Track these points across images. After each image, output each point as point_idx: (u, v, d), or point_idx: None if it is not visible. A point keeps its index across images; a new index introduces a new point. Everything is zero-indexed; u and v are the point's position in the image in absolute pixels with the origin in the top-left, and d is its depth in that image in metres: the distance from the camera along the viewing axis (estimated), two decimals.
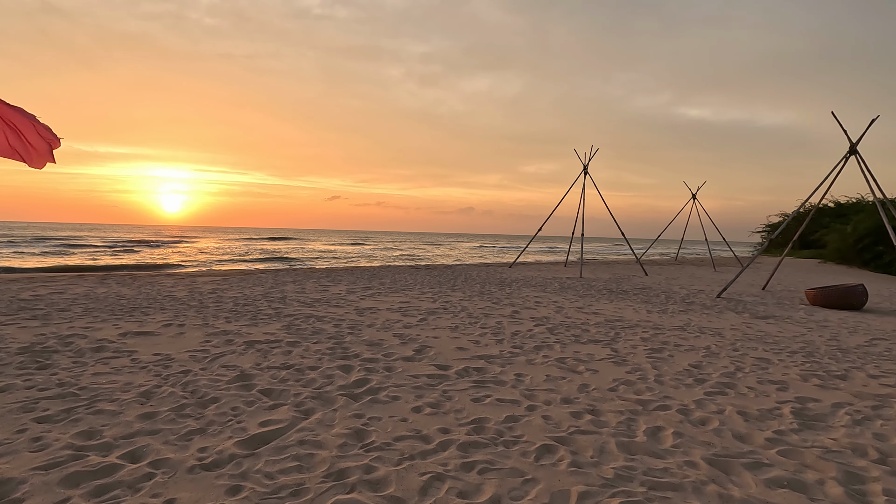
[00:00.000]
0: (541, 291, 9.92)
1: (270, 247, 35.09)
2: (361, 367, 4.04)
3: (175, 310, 6.50)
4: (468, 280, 11.85)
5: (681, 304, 8.65)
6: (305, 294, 8.43)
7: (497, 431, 2.79)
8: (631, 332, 5.93)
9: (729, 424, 3.00)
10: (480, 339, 5.26)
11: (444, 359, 4.41)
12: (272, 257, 23.70)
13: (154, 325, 5.45)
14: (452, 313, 6.89)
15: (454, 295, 8.93)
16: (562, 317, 6.92)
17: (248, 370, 3.86)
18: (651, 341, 5.46)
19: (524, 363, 4.35)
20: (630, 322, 6.68)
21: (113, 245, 30.22)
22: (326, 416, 2.95)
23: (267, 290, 8.91)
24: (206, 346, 4.63)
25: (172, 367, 3.91)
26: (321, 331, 5.43)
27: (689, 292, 10.70)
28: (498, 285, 10.84)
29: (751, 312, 7.93)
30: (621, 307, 8.09)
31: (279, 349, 4.57)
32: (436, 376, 3.86)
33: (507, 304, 7.91)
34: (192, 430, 2.71)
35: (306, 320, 6.02)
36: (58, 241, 31.55)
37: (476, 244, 58.25)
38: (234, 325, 5.65)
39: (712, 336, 5.89)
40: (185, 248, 30.09)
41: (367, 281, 10.95)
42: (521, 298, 8.72)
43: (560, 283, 11.64)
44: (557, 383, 3.78)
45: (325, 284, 10.01)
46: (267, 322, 5.85)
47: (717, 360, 4.72)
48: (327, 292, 8.76)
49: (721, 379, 4.02)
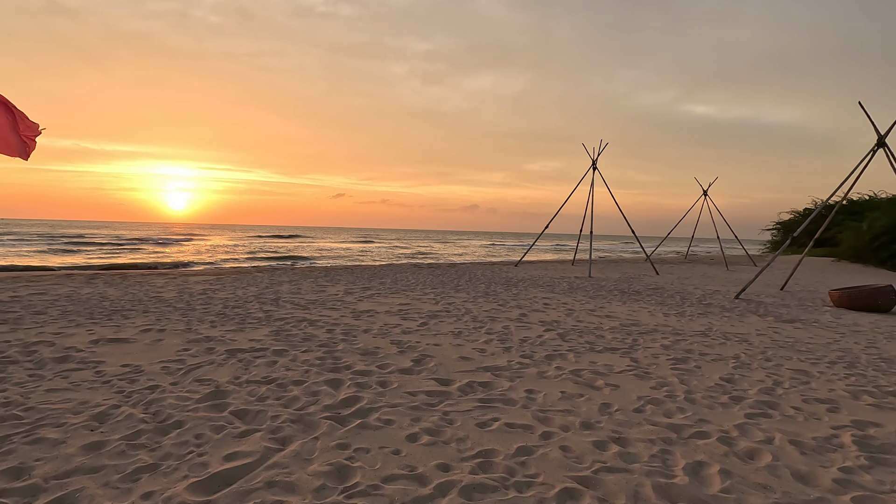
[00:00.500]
0: (549, 292, 9.44)
1: (280, 245, 34.59)
2: (352, 381, 3.59)
3: (159, 313, 6.07)
4: (472, 280, 11.38)
5: (698, 306, 8.15)
6: (300, 295, 7.99)
7: (507, 469, 2.33)
8: (650, 339, 5.45)
9: (784, 459, 2.52)
10: (486, 347, 4.80)
11: (445, 371, 3.95)
12: (279, 256, 23.28)
13: (131, 331, 5.02)
14: (456, 317, 6.43)
15: (458, 296, 8.47)
16: (573, 321, 6.44)
17: (225, 385, 3.41)
18: (673, 349, 4.97)
19: (535, 376, 3.88)
20: (647, 326, 6.19)
21: (120, 243, 29.97)
22: (305, 447, 2.50)
23: (261, 290, 8.47)
24: (182, 355, 4.19)
25: (139, 381, 3.47)
26: (312, 337, 4.98)
27: (705, 293, 10.19)
28: (504, 285, 10.37)
29: (774, 315, 7.42)
30: (635, 309, 7.60)
31: (263, 359, 4.12)
32: (436, 393, 3.40)
33: (513, 307, 7.44)
34: (141, 466, 2.26)
35: (297, 325, 5.57)
36: (65, 239, 31.31)
37: (485, 242, 57.82)
38: (219, 330, 5.21)
39: (739, 343, 5.40)
40: (190, 246, 29.77)
41: (366, 281, 10.50)
42: (528, 300, 8.25)
43: (569, 283, 11.16)
44: (574, 402, 3.31)
45: (322, 285, 9.57)
46: (255, 327, 5.41)
47: (751, 371, 4.23)
48: (324, 293, 8.32)
49: (760, 396, 3.53)
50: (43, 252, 21.35)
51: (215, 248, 29.19)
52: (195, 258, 20.48)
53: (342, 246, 37.15)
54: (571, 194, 15.72)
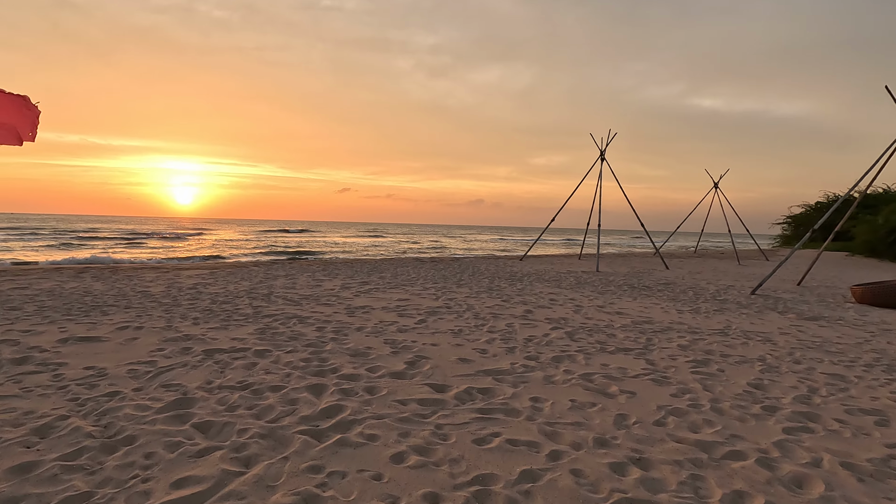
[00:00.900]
0: (555, 287, 9.03)
1: (291, 239, 34.09)
2: (337, 387, 3.22)
3: (141, 308, 5.72)
4: (475, 274, 10.99)
5: (713, 302, 7.72)
6: (294, 290, 7.63)
7: (509, 500, 1.95)
8: (665, 338, 5.04)
9: (839, 488, 2.13)
10: (488, 348, 4.41)
11: (441, 375, 3.57)
12: (297, 250, 22.88)
13: (106, 329, 4.67)
14: (456, 313, 6.04)
15: (459, 291, 8.08)
16: (581, 318, 6.04)
17: (193, 392, 3.05)
18: (692, 350, 4.57)
19: (541, 381, 3.49)
20: (661, 324, 5.78)
21: (129, 237, 29.79)
22: (270, 470, 2.13)
23: (254, 285, 8.12)
24: (155, 356, 3.83)
25: (99, 387, 3.11)
26: (300, 336, 4.61)
27: (719, 288, 9.75)
28: (508, 280, 9.96)
29: (796, 312, 6.98)
30: (647, 306, 7.18)
31: (242, 361, 3.76)
32: (429, 402, 3.02)
33: (518, 303, 7.04)
34: (71, 496, 1.90)
35: (286, 322, 5.20)
36: (73, 234, 31.10)
37: (493, 236, 57.33)
38: (201, 327, 4.85)
39: (762, 343, 4.98)
40: (197, 241, 29.50)
41: (365, 275, 10.13)
42: (533, 295, 7.85)
43: (576, 278, 10.74)
44: (586, 413, 2.92)
45: (319, 279, 9.21)
46: (240, 324, 5.05)
47: (780, 376, 3.82)
48: (319, 288, 7.96)
49: (796, 406, 3.13)
50: (73, 248, 21.14)
51: (228, 242, 28.87)
52: (216, 252, 20.13)
53: (353, 240, 36.67)
54: (579, 185, 15.27)
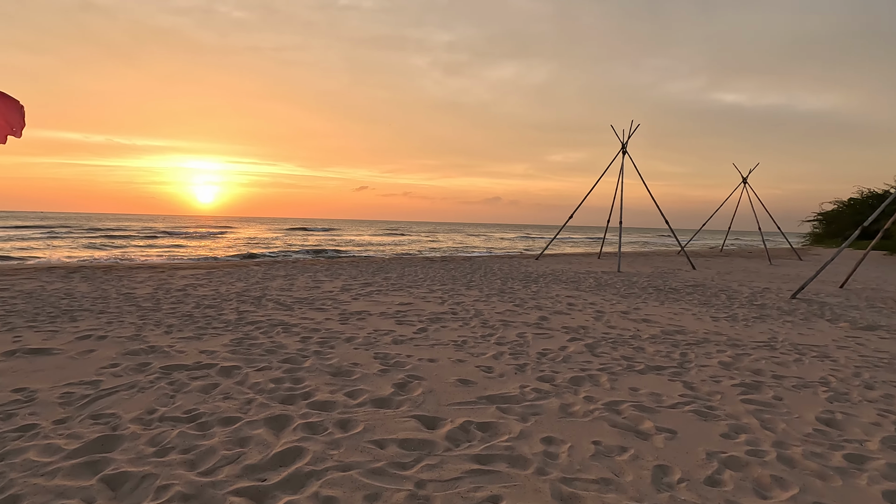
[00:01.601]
0: (574, 290, 8.32)
1: (321, 238, 33.58)
2: (303, 420, 2.61)
3: (116, 314, 5.22)
4: (487, 274, 10.32)
5: (750, 308, 6.93)
6: (290, 292, 7.08)
7: None
8: (702, 353, 4.33)
9: None
10: (494, 365, 3.77)
11: (434, 403, 2.94)
12: (321, 248, 22.44)
13: (65, 338, 4.16)
14: (462, 321, 5.41)
15: (468, 294, 7.44)
16: (603, 326, 5.35)
17: (125, 426, 2.48)
18: (736, 369, 3.85)
19: (557, 413, 2.84)
20: (695, 334, 5.06)
21: (160, 234, 29.87)
22: None
23: (248, 286, 7.61)
24: (103, 374, 3.29)
25: (16, 417, 2.56)
26: (279, 348, 4.03)
27: (753, 291, 8.92)
28: (522, 281, 9.28)
29: (848, 320, 6.17)
30: (677, 312, 6.44)
31: (202, 381, 3.18)
32: (413, 443, 2.40)
33: (532, 308, 6.37)
34: None
35: (269, 331, 4.64)
36: (98, 232, 31.25)
37: (514, 234, 56.41)
38: (172, 337, 4.31)
39: (819, 360, 4.24)
40: (226, 238, 29.26)
41: (370, 275, 9.55)
42: (549, 299, 7.17)
43: (596, 279, 9.99)
44: (614, 463, 2.26)
45: (319, 279, 8.66)
46: (217, 333, 4.50)
47: (854, 407, 3.10)
48: (317, 290, 7.40)
49: (889, 455, 2.42)
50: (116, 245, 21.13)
51: (260, 240, 28.62)
52: (249, 250, 19.78)
53: (379, 238, 36.02)
54: (599, 179, 14.46)
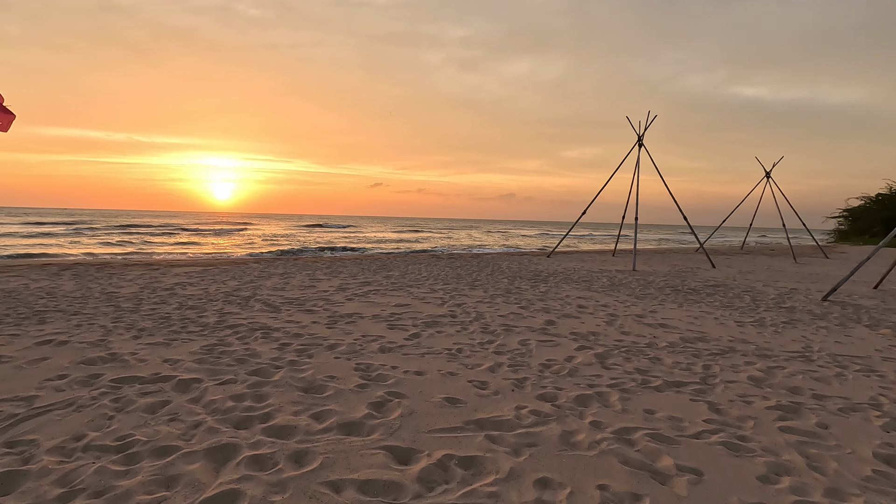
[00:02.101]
0: (585, 290, 7.81)
1: (330, 235, 33.23)
2: (252, 450, 2.20)
3: (90, 315, 4.89)
4: (495, 273, 9.85)
5: (778, 311, 6.36)
6: (282, 292, 6.70)
7: None
8: (728, 365, 3.82)
9: None
10: (489, 379, 3.31)
11: (413, 428, 2.50)
12: (325, 245, 22.16)
13: (24, 344, 3.82)
14: (461, 325, 4.96)
15: (472, 294, 6.98)
16: (616, 332, 4.86)
17: (40, 456, 2.09)
18: (769, 385, 3.35)
19: (556, 445, 2.38)
20: (719, 342, 4.54)
21: (172, 232, 29.95)
22: None
23: (241, 284, 7.25)
24: (44, 387, 2.92)
25: None
26: (251, 357, 3.63)
27: (780, 292, 8.31)
28: (531, 280, 8.79)
29: (889, 326, 5.58)
30: (696, 315, 5.91)
31: (152, 398, 2.79)
32: (378, 486, 1.96)
33: (539, 310, 5.89)
34: None
35: (247, 336, 4.25)
36: (125, 229, 31.41)
37: (532, 231, 55.69)
38: (139, 342, 3.95)
39: (864, 374, 3.70)
40: (249, 236, 29.04)
41: (371, 273, 9.15)
42: (558, 300, 6.68)
43: (609, 279, 9.45)
44: None
45: (317, 278, 8.28)
46: (189, 338, 4.12)
47: None
48: (312, 289, 7.01)
49: None
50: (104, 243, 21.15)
51: (278, 237, 28.46)
52: (274, 248, 19.58)
53: (395, 235, 35.48)
54: (614, 173, 13.85)
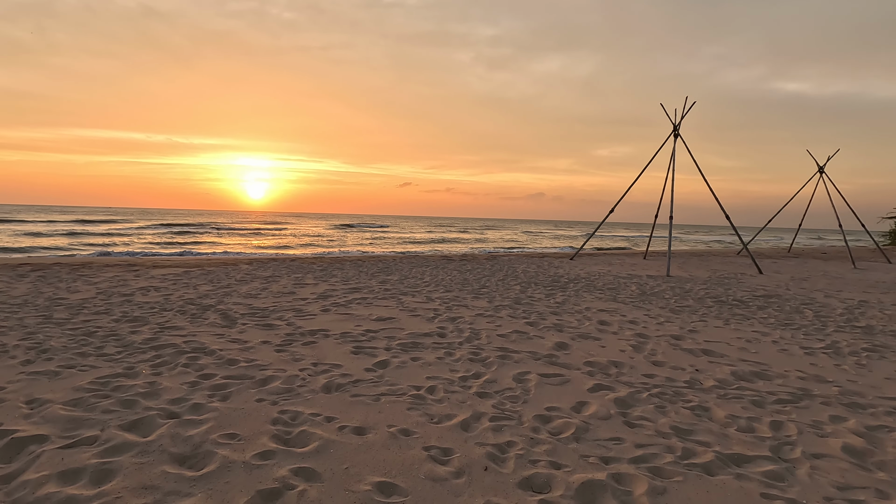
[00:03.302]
0: (610, 301, 6.66)
1: (364, 235, 32.54)
2: None
3: (3, 329, 4.10)
4: (507, 278, 8.76)
5: (853, 332, 5.08)
6: (252, 300, 5.82)
7: None
8: (807, 422, 2.68)
9: None
10: (456, 445, 2.29)
11: None
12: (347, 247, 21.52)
13: None
14: (446, 348, 3.94)
15: (473, 305, 5.94)
16: (646, 361, 3.75)
17: None
18: (880, 465, 2.21)
19: None
20: (786, 381, 3.38)
21: (220, 231, 30.16)
22: None
23: (213, 290, 6.42)
24: None
25: None
26: (146, 398, 2.72)
27: (847, 305, 6.94)
28: (547, 288, 7.68)
29: None
30: (749, 336, 4.71)
31: None
32: None
33: (550, 328, 4.81)
34: None
35: (168, 362, 3.34)
36: (183, 227, 31.84)
37: (561, 230, 53.95)
38: (24, 370, 3.09)
39: None
40: (298, 235, 28.66)
41: (367, 277, 8.21)
42: (576, 314, 5.57)
43: (640, 286, 8.23)
44: None
45: (304, 283, 7.40)
46: (91, 365, 3.24)
47: None
48: (289, 297, 6.11)
49: None
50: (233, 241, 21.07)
51: (317, 236, 28.04)
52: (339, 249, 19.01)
53: (455, 236, 33.88)
54: (648, 165, 12.52)
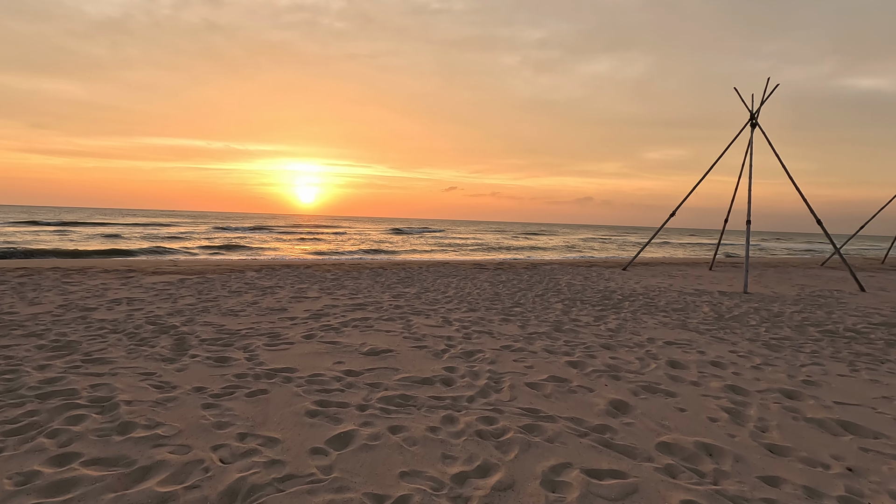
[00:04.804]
0: (679, 328, 5.17)
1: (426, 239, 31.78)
2: None
3: None
4: (548, 292, 7.38)
5: None
6: (231, 317, 4.78)
7: None
8: None
9: None
10: None
11: None
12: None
13: None
14: (447, 410, 2.69)
15: (500, 332, 4.64)
16: (756, 447, 2.35)
17: None
18: None
19: None
20: None
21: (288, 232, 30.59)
22: None
23: (192, 304, 5.47)
24: None
25: None
26: None
27: None
28: (596, 307, 6.26)
29: None
30: None
31: None
32: None
33: (599, 372, 3.45)
34: None
35: (37, 424, 2.30)
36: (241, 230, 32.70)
37: (619, 235, 51.40)
38: None
39: None
40: (361, 240, 28.30)
41: (380, 290, 7.05)
42: (635, 349, 4.16)
43: (713, 307, 6.63)
44: None
45: (304, 295, 6.34)
46: None
47: None
48: (277, 314, 5.04)
49: None
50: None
51: (379, 241, 27.57)
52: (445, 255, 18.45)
53: (518, 242, 32.36)
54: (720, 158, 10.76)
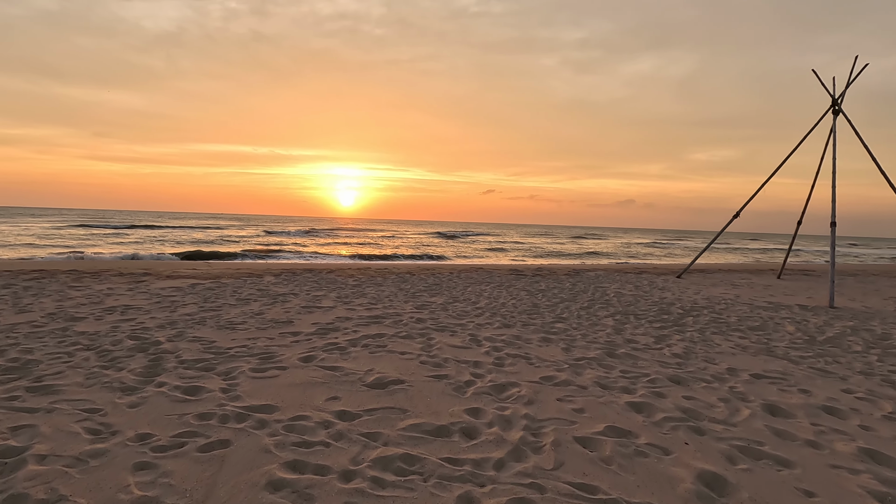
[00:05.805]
0: (764, 353, 4.16)
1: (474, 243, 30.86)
2: None
3: None
4: (594, 303, 6.45)
5: None
6: (227, 331, 4.18)
7: None
8: None
9: None
10: None
11: None
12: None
13: None
14: (464, 483, 1.91)
15: (538, 356, 3.81)
16: None
17: None
18: None
19: None
20: None
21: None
22: None
23: (194, 312, 4.92)
24: None
25: None
26: None
27: None
28: (654, 323, 5.31)
29: None
30: None
31: None
32: None
33: (673, 422, 2.58)
34: None
35: None
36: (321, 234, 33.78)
37: (664, 239, 49.05)
38: None
39: None
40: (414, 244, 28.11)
41: (403, 298, 6.33)
42: (714, 384, 3.23)
43: (799, 326, 5.52)
44: None
45: (318, 304, 5.70)
46: None
47: None
48: (281, 328, 4.40)
49: None
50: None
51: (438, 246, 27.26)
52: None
53: (568, 247, 31.03)
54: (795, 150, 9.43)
